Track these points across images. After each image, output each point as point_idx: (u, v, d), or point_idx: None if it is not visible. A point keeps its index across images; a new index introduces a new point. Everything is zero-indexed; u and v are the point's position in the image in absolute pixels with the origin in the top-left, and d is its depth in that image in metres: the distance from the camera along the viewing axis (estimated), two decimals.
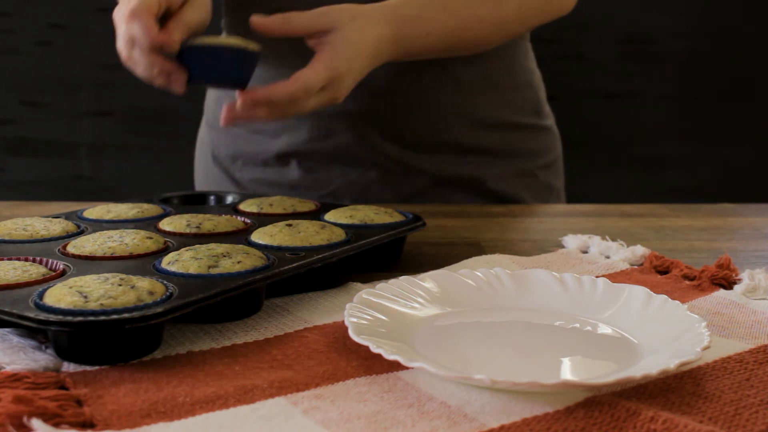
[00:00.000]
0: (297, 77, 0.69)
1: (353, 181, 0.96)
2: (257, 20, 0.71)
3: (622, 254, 0.68)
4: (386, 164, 0.95)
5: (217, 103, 1.03)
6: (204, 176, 1.06)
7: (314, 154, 0.96)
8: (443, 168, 0.97)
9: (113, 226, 0.65)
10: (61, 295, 0.45)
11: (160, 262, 0.53)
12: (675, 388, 0.42)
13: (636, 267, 0.66)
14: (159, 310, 0.44)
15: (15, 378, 0.41)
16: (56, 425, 0.37)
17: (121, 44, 0.71)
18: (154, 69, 0.70)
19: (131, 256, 0.56)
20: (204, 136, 1.07)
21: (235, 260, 0.53)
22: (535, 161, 1.01)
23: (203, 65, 0.71)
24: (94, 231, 0.62)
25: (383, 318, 0.49)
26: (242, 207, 0.73)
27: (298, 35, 0.72)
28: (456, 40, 0.86)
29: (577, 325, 0.51)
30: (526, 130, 1.00)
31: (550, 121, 1.05)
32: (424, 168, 0.96)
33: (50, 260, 0.54)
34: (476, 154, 0.97)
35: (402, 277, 0.55)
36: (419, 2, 0.81)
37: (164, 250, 0.58)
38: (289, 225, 0.62)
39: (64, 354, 0.44)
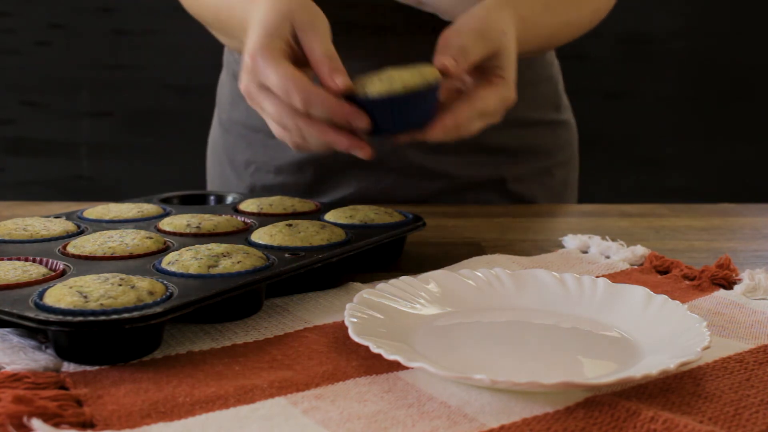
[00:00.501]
0: (476, 97, 0.64)
1: (370, 185, 0.94)
2: (441, 62, 0.63)
3: (622, 254, 0.68)
4: (405, 168, 0.94)
5: (232, 105, 1.00)
6: (218, 180, 1.04)
7: (331, 161, 0.94)
8: (462, 170, 0.95)
9: (113, 226, 0.65)
10: (61, 295, 0.45)
11: (160, 262, 0.53)
12: (675, 388, 0.42)
13: (636, 267, 0.66)
14: (159, 310, 0.44)
15: (15, 378, 0.41)
16: (56, 425, 0.37)
17: (278, 122, 0.61)
18: (328, 135, 0.60)
19: (131, 256, 0.56)
20: (217, 138, 1.04)
21: (235, 260, 0.53)
22: (553, 158, 1.00)
23: (392, 117, 0.60)
24: (94, 231, 0.62)
25: (383, 318, 0.49)
26: (242, 207, 0.73)
27: (474, 65, 0.66)
28: (545, 45, 0.85)
29: (577, 325, 0.51)
30: (545, 126, 0.99)
31: (568, 113, 1.04)
32: (444, 170, 0.95)
33: (50, 260, 0.54)
34: (496, 154, 0.96)
35: (402, 277, 0.55)
36: (530, 4, 0.77)
37: (164, 250, 0.58)
38: (289, 225, 0.62)
39: (64, 354, 0.44)
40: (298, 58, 0.62)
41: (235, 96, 1.00)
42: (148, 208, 0.71)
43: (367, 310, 0.49)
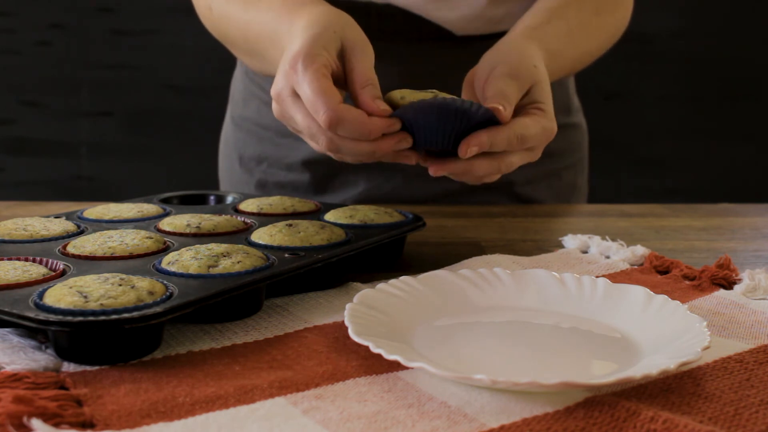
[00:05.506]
0: (514, 123, 0.60)
1: (379, 185, 0.94)
2: (494, 108, 0.59)
3: (622, 254, 0.68)
4: (413, 168, 0.93)
5: (245, 102, 1.01)
6: (228, 176, 1.05)
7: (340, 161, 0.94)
8: None
9: (113, 226, 0.65)
10: (61, 295, 0.45)
11: (160, 262, 0.53)
12: (675, 388, 0.42)
13: (636, 267, 0.66)
14: (159, 310, 0.44)
15: (15, 378, 0.41)
16: (56, 425, 0.37)
17: (308, 133, 0.59)
18: (375, 154, 0.59)
19: (131, 256, 0.56)
20: (229, 135, 1.05)
21: (235, 260, 0.53)
22: (561, 161, 1.00)
23: (428, 125, 0.58)
24: (94, 231, 0.62)
25: (383, 318, 0.49)
26: (242, 207, 0.73)
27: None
28: (566, 74, 0.84)
29: (577, 325, 0.51)
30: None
31: (578, 116, 1.03)
32: None
33: (50, 260, 0.54)
34: None
35: (402, 277, 0.55)
36: (556, 34, 0.75)
37: (164, 250, 0.58)
38: (289, 225, 0.62)
39: (64, 354, 0.44)
40: (338, 77, 0.60)
41: (247, 93, 1.01)
42: (148, 208, 0.71)
43: (367, 310, 0.49)
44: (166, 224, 0.65)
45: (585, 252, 0.71)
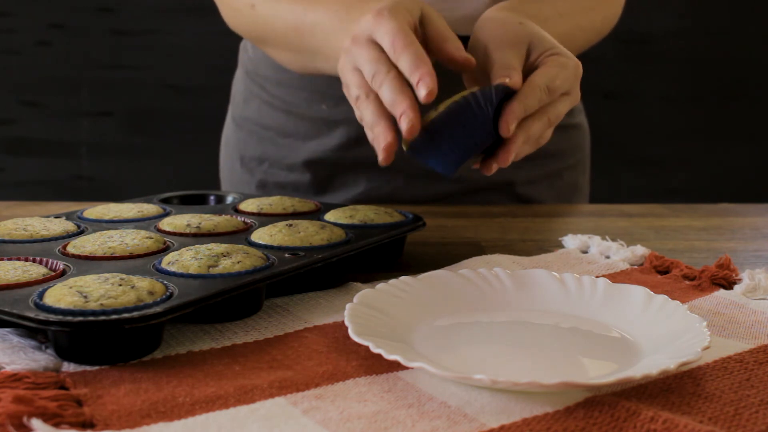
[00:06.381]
0: (534, 79, 0.60)
1: (378, 185, 0.94)
2: (513, 82, 0.60)
3: (622, 254, 0.68)
4: (414, 169, 0.93)
5: (246, 103, 1.01)
6: (229, 176, 1.05)
7: (342, 161, 0.94)
8: (472, 172, 0.94)
9: (113, 226, 0.65)
10: (61, 295, 0.45)
11: (160, 262, 0.53)
12: (675, 388, 0.42)
13: (636, 267, 0.66)
14: (159, 310, 0.44)
15: (15, 378, 0.41)
16: (56, 425, 0.37)
17: (369, 72, 0.59)
18: (401, 106, 0.58)
19: (131, 256, 0.56)
20: (230, 135, 1.05)
21: (235, 260, 0.53)
22: (563, 161, 1.00)
23: (459, 128, 0.60)
24: (94, 231, 0.62)
25: (383, 318, 0.49)
26: (242, 207, 0.73)
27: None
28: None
29: (577, 325, 0.51)
30: (557, 130, 0.98)
31: (580, 116, 1.03)
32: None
33: (50, 260, 0.54)
34: None
35: (402, 277, 0.55)
36: (537, 8, 0.76)
37: (164, 250, 0.58)
38: (289, 225, 0.62)
39: (64, 354, 0.44)
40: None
41: (248, 93, 1.01)
42: (148, 208, 0.71)
43: (367, 310, 0.49)
44: (166, 224, 0.65)
45: (585, 252, 0.71)
